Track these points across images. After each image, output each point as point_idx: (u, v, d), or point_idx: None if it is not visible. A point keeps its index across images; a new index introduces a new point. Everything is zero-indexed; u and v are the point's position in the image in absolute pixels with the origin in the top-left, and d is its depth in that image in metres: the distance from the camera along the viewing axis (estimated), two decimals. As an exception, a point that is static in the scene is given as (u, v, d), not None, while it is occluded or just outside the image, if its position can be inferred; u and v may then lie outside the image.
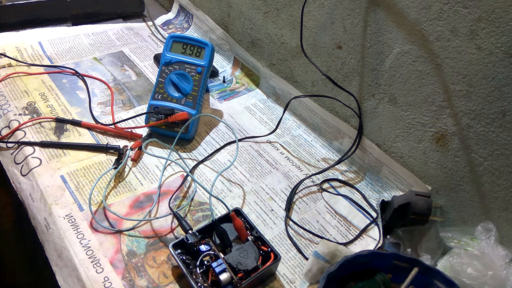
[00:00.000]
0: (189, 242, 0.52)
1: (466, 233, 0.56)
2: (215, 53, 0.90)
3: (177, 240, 0.53)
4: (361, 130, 0.71)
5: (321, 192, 0.70)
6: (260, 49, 0.89)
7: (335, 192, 0.70)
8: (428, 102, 0.60)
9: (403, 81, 0.62)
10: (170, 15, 1.10)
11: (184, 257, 0.52)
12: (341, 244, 0.61)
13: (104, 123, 0.73)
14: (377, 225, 0.65)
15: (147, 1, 1.10)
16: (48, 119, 0.71)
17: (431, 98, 0.59)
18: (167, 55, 0.74)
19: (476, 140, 0.55)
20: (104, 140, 0.70)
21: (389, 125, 0.67)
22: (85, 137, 0.70)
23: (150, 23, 1.06)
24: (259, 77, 0.90)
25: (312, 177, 0.71)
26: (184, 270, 0.50)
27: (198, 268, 0.51)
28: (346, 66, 0.70)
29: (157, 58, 0.92)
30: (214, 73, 0.93)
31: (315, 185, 0.71)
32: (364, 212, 0.67)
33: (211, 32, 0.98)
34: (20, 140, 0.67)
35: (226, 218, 0.56)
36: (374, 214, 0.66)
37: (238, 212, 0.57)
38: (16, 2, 0.90)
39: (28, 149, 0.65)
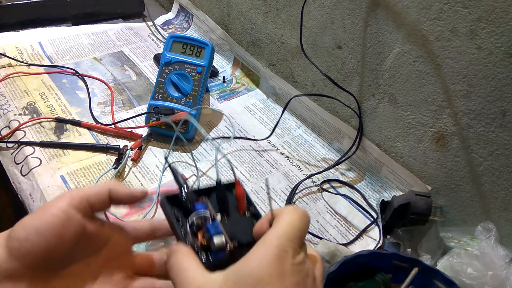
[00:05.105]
0: (185, 193, 0.41)
1: (466, 233, 0.56)
2: (215, 53, 0.90)
3: (171, 194, 0.41)
4: (361, 130, 0.71)
5: (321, 192, 0.70)
6: (260, 49, 0.89)
7: (335, 192, 0.70)
8: (428, 102, 0.60)
9: (403, 81, 0.62)
10: (170, 15, 1.10)
11: (175, 212, 0.41)
12: (341, 244, 0.61)
13: (104, 123, 0.73)
14: (377, 225, 0.65)
15: (147, 1, 1.10)
16: (48, 119, 0.71)
17: (431, 98, 0.59)
18: (167, 55, 0.74)
19: (476, 140, 0.55)
20: (104, 140, 0.70)
21: (389, 125, 0.67)
22: (85, 137, 0.70)
23: (150, 23, 1.06)
24: (259, 77, 0.90)
25: (312, 177, 0.71)
26: (174, 222, 0.40)
27: (190, 228, 0.40)
28: (346, 66, 0.70)
29: (157, 58, 0.92)
30: (214, 73, 0.92)
31: (315, 185, 0.71)
32: (364, 212, 0.67)
33: (211, 32, 0.98)
34: (20, 140, 0.67)
35: (227, 188, 0.47)
36: (374, 214, 0.66)
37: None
38: (16, 2, 0.90)
39: (28, 149, 0.65)
